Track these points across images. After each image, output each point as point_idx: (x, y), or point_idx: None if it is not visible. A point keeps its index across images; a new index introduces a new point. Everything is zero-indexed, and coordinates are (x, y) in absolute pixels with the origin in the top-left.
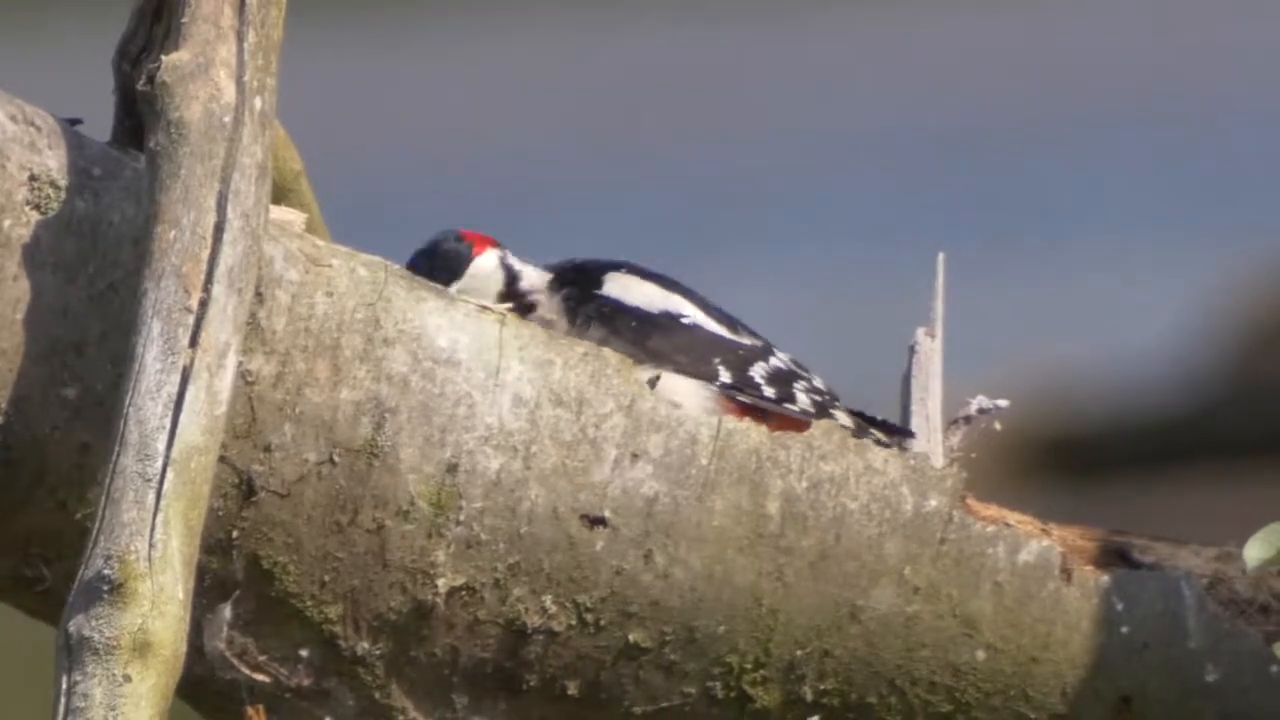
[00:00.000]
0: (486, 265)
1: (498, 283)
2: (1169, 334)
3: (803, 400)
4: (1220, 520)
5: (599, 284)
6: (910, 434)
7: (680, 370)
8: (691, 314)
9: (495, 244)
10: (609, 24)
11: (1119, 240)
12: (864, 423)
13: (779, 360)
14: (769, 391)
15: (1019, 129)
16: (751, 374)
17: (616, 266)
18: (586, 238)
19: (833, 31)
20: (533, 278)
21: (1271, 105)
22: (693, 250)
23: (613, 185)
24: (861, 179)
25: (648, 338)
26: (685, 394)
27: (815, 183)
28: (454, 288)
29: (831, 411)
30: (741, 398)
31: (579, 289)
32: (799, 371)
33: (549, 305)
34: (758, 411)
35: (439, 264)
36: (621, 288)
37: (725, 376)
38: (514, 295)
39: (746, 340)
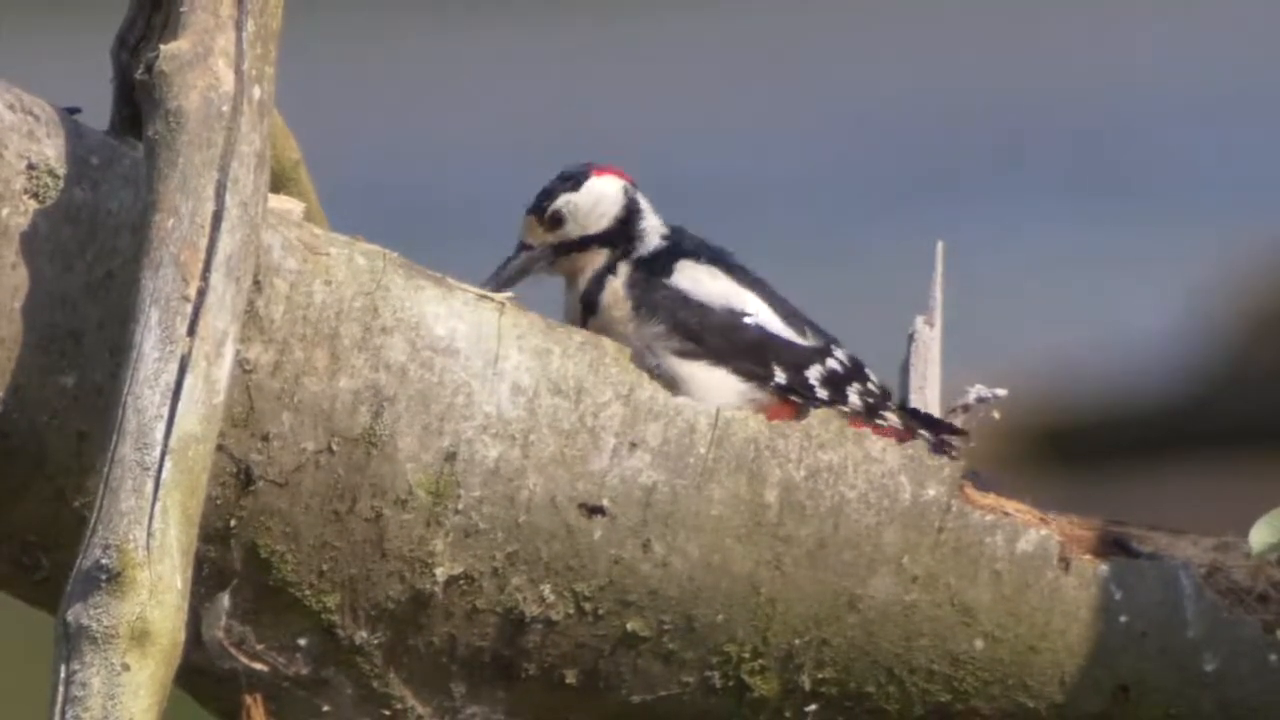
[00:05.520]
0: (606, 187)
1: (615, 207)
2: (1166, 323)
3: (854, 401)
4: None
5: (669, 272)
6: (962, 432)
7: (738, 371)
8: (756, 311)
9: (627, 180)
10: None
11: (1116, 229)
12: (914, 422)
13: (836, 361)
14: (822, 393)
15: (1016, 119)
16: (807, 375)
17: (695, 252)
18: None
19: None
20: (654, 224)
21: (1266, 97)
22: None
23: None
24: (860, 165)
25: (707, 336)
26: (713, 387)
27: (814, 169)
28: (568, 199)
29: (882, 412)
30: (794, 398)
31: (648, 275)
32: (855, 371)
33: (613, 294)
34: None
35: (563, 175)
36: (691, 280)
37: (780, 377)
38: (629, 230)
39: (808, 341)
